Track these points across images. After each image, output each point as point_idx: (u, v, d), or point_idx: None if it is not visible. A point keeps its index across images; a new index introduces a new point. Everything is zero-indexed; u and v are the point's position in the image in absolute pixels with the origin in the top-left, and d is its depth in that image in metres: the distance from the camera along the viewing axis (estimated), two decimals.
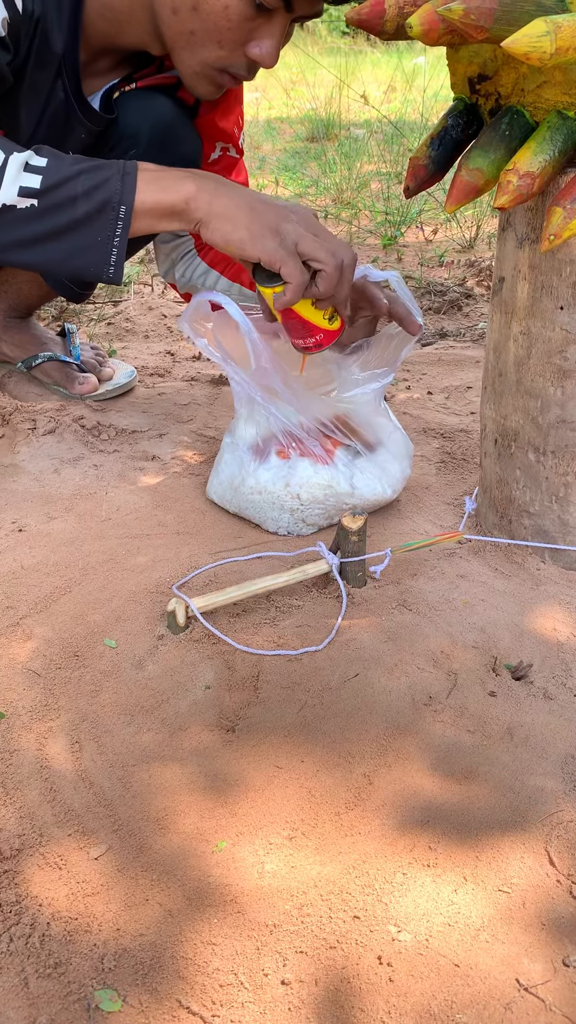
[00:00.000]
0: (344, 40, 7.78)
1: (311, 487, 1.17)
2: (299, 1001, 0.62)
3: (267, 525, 1.20)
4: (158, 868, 0.72)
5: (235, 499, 1.21)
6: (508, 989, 0.63)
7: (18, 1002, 0.62)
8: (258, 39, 1.11)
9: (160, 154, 1.33)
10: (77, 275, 1.11)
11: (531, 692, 0.92)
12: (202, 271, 1.48)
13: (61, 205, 1.02)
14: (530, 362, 1.04)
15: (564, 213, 0.89)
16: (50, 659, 0.95)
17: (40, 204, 1.01)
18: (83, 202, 1.02)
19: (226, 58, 1.13)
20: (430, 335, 2.05)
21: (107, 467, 1.36)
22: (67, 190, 1.02)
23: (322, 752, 0.84)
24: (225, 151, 1.43)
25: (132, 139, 1.32)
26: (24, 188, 1.00)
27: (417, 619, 1.01)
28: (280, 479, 1.17)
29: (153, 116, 1.31)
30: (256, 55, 1.12)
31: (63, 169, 1.02)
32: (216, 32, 1.09)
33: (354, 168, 3.29)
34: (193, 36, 1.11)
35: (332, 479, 1.17)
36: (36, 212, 1.01)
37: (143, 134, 1.31)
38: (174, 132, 1.34)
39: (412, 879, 0.71)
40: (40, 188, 1.01)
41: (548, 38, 0.77)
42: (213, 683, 0.92)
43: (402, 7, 0.90)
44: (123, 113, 1.31)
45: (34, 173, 1.01)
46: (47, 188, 1.01)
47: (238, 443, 1.22)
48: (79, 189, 1.02)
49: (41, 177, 1.01)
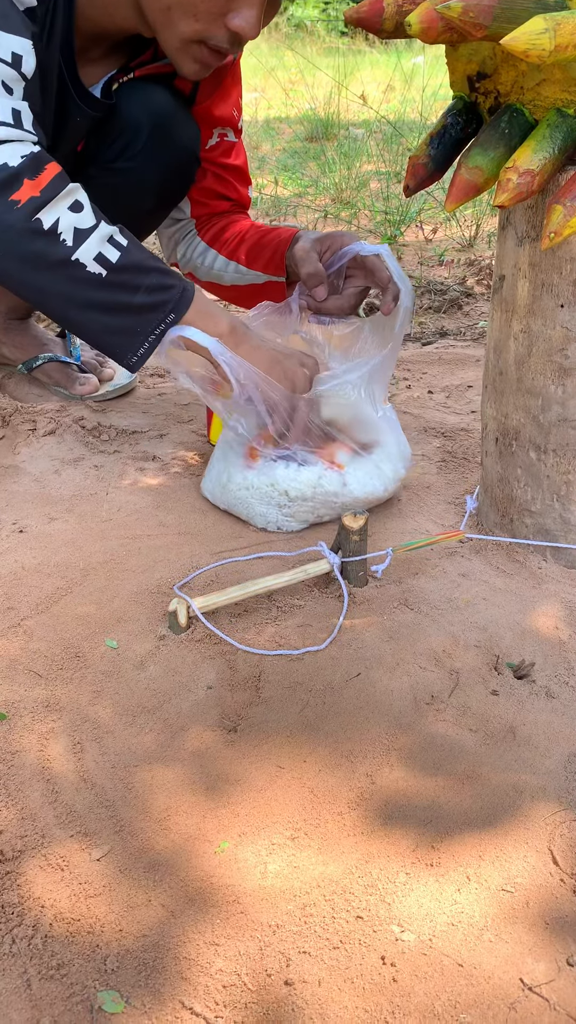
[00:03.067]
0: (343, 40, 7.79)
1: (299, 484, 1.17)
2: (303, 1002, 0.62)
3: (255, 521, 1.20)
4: (160, 869, 0.72)
5: (223, 496, 1.22)
6: (512, 989, 0.63)
7: (21, 1004, 0.62)
8: (237, 9, 1.11)
9: (160, 145, 1.35)
10: (101, 349, 1.17)
11: (533, 691, 0.91)
12: (201, 250, 1.49)
13: (124, 286, 1.10)
14: (531, 360, 1.04)
15: (564, 211, 0.89)
16: (51, 660, 0.95)
17: (107, 276, 1.08)
18: (143, 294, 1.10)
19: (204, 31, 1.14)
20: (430, 334, 2.05)
21: (108, 468, 1.36)
22: (135, 277, 1.10)
23: (324, 752, 0.83)
24: (223, 136, 1.44)
25: (133, 131, 1.34)
26: (101, 256, 1.08)
27: (419, 618, 1.01)
28: (267, 475, 1.17)
29: (153, 108, 1.33)
30: (236, 26, 1.12)
31: (140, 258, 1.11)
32: (190, 5, 1.11)
33: (353, 168, 3.29)
34: (170, 12, 1.13)
35: (320, 476, 1.17)
36: (100, 281, 1.08)
37: (144, 126, 1.33)
38: (173, 123, 1.35)
39: (415, 879, 0.71)
40: (114, 263, 1.09)
41: (547, 35, 0.77)
42: (215, 683, 0.92)
43: (401, 5, 0.90)
44: (123, 105, 1.33)
45: (115, 248, 1.09)
46: (120, 266, 1.09)
47: (228, 440, 1.22)
48: (145, 282, 1.11)
49: (120, 254, 1.09)
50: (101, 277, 1.08)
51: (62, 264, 1.06)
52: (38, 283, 1.09)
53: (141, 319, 1.12)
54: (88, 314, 1.11)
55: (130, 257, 1.10)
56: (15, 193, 1.03)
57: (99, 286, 1.08)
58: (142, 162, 1.35)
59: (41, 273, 1.08)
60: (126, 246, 1.10)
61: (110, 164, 1.36)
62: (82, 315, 1.12)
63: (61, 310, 1.13)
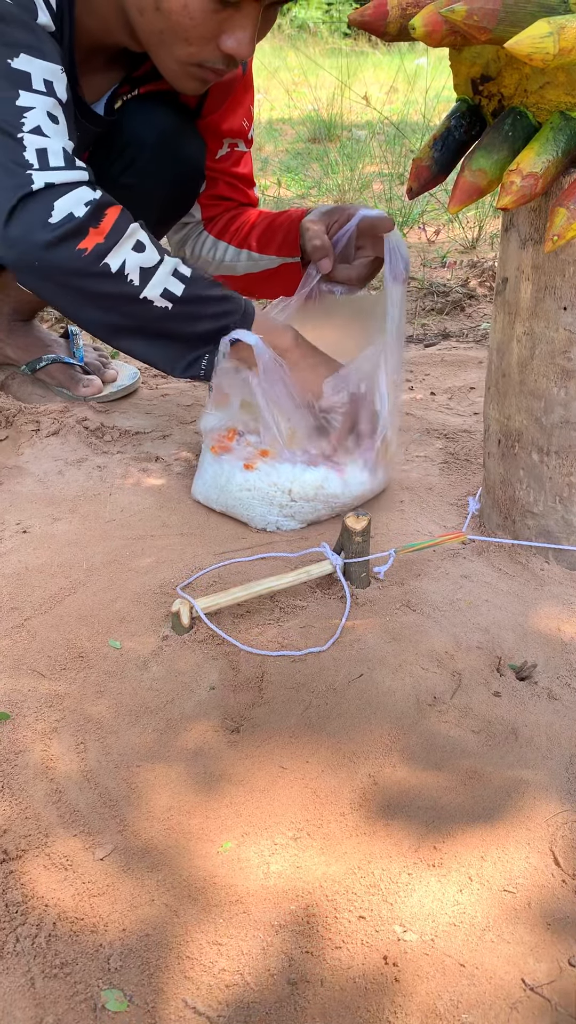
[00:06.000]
0: (346, 41, 7.79)
1: (303, 484, 1.17)
2: (305, 1002, 0.62)
3: (254, 522, 1.20)
4: (163, 868, 0.72)
5: (221, 497, 1.22)
6: (514, 989, 0.63)
7: (24, 1002, 0.62)
8: (230, 31, 1.11)
9: (165, 161, 1.35)
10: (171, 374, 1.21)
11: (535, 692, 0.92)
12: (210, 244, 1.50)
13: (190, 316, 1.14)
14: (533, 363, 1.04)
15: (567, 214, 0.89)
16: (55, 660, 0.95)
17: (173, 310, 1.13)
18: (207, 321, 1.15)
19: (197, 54, 1.13)
20: (433, 336, 2.05)
21: (111, 468, 1.36)
22: (200, 307, 1.14)
23: (327, 752, 0.84)
24: (233, 147, 1.44)
25: (137, 147, 1.33)
26: (167, 291, 1.12)
27: (421, 620, 1.01)
28: (271, 477, 1.18)
29: (157, 124, 1.33)
30: (229, 48, 1.12)
31: (203, 286, 1.15)
32: (181, 30, 1.10)
33: (356, 169, 3.30)
34: (162, 35, 1.13)
35: (325, 479, 1.17)
36: (166, 314, 1.12)
37: (148, 142, 1.33)
38: (178, 138, 1.35)
39: (417, 879, 0.71)
40: (179, 296, 1.13)
41: (551, 39, 0.77)
42: (217, 684, 0.92)
43: (405, 8, 0.90)
44: (127, 121, 1.32)
45: (179, 281, 1.13)
46: (185, 298, 1.13)
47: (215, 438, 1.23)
48: (209, 310, 1.15)
49: (184, 287, 1.13)
50: (167, 311, 1.12)
51: (130, 302, 1.10)
52: (110, 321, 1.14)
53: (207, 345, 1.17)
54: (155, 345, 1.16)
55: (194, 288, 1.14)
56: (81, 243, 1.06)
57: (165, 319, 1.13)
58: (146, 178, 1.36)
59: (111, 313, 1.12)
60: (189, 276, 1.14)
61: (115, 180, 1.36)
62: (149, 347, 1.16)
63: (127, 344, 1.17)
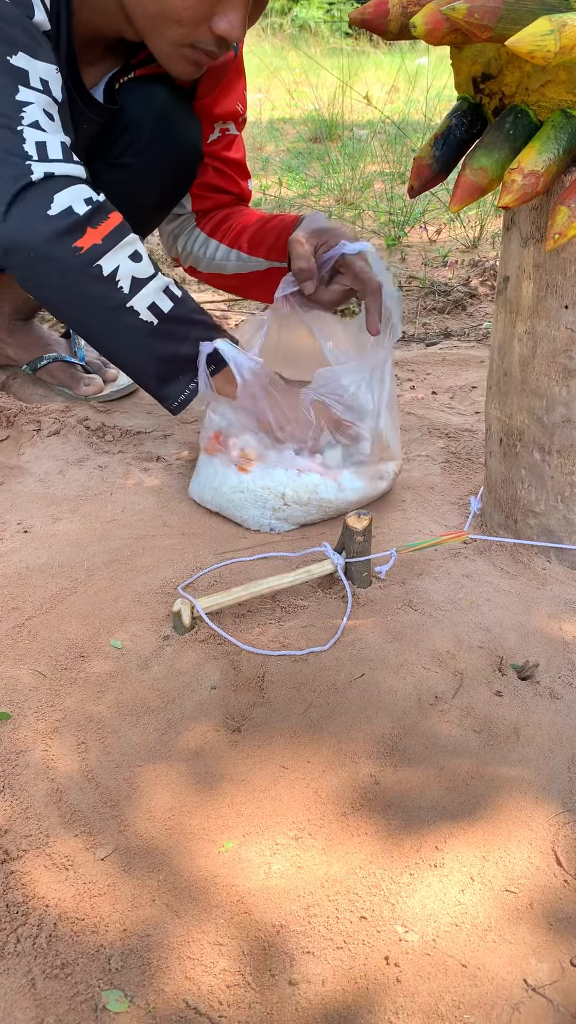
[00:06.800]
0: (347, 41, 7.79)
1: (297, 488, 1.17)
2: (306, 1002, 0.62)
3: (248, 523, 1.21)
4: (164, 868, 0.72)
5: (215, 498, 1.23)
6: (516, 989, 0.63)
7: (25, 1003, 0.62)
8: (221, 13, 1.13)
9: (163, 140, 1.36)
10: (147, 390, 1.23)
11: (537, 692, 0.91)
12: (202, 241, 1.50)
13: (173, 336, 1.15)
14: (535, 361, 1.04)
15: (569, 212, 0.89)
16: (56, 660, 0.95)
17: (158, 325, 1.14)
18: (189, 345, 1.17)
19: (189, 35, 1.15)
20: (434, 335, 2.05)
21: (112, 468, 1.36)
22: (184, 328, 1.16)
23: (328, 752, 0.83)
24: (224, 131, 1.45)
25: (136, 127, 1.34)
26: (154, 305, 1.13)
27: (422, 619, 1.01)
28: (264, 480, 1.18)
29: (154, 105, 1.34)
30: (221, 30, 1.14)
31: (191, 309, 1.17)
32: (174, 12, 1.13)
33: (357, 168, 3.29)
34: (155, 19, 1.15)
35: (320, 483, 1.18)
36: (150, 328, 1.14)
37: (146, 124, 1.34)
38: (175, 118, 1.36)
39: (419, 879, 0.71)
40: (165, 313, 1.14)
41: (552, 37, 0.77)
42: (219, 683, 0.92)
43: (406, 7, 0.89)
44: (125, 103, 1.34)
45: (169, 299, 1.15)
46: (171, 317, 1.15)
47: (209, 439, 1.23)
48: (192, 334, 1.17)
49: (172, 305, 1.14)
50: (152, 325, 1.13)
51: (116, 309, 1.11)
52: (92, 323, 1.15)
53: (186, 367, 1.18)
54: (131, 356, 1.17)
55: (182, 309, 1.15)
56: (78, 240, 1.07)
57: (148, 333, 1.13)
58: (145, 158, 1.36)
59: (95, 315, 1.13)
60: (180, 297, 1.16)
61: (114, 160, 1.37)
62: (125, 357, 1.18)
63: (107, 350, 1.19)
